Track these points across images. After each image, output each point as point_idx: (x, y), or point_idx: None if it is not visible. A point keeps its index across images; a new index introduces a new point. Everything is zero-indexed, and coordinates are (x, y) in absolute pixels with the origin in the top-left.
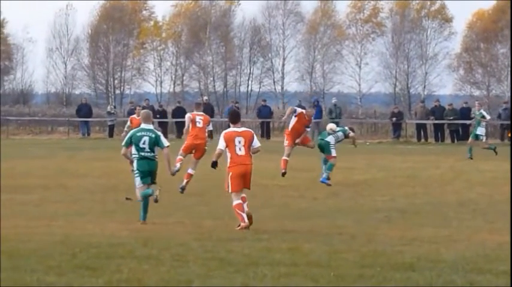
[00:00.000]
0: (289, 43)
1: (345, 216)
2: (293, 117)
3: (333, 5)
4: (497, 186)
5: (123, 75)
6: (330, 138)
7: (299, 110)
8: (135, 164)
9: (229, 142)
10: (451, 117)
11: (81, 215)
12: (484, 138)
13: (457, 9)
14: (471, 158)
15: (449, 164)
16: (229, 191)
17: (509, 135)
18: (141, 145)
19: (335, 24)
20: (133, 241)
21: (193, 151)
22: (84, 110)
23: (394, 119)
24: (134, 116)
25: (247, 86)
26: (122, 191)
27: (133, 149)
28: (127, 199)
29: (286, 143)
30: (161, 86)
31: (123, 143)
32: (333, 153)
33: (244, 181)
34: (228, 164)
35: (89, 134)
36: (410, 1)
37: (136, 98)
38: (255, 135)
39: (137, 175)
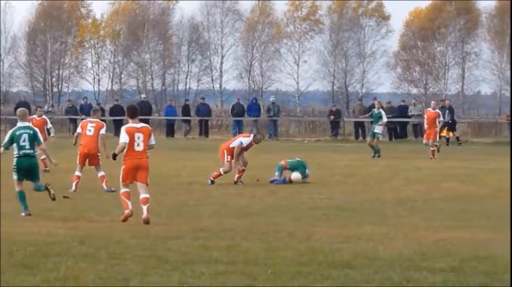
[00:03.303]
0: (228, 41)
1: (283, 214)
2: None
3: (270, 3)
4: (434, 183)
5: (61, 73)
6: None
7: (246, 142)
8: (14, 161)
9: (129, 138)
10: (389, 116)
11: (18, 213)
12: (380, 137)
13: (394, 8)
14: (374, 157)
15: (386, 162)
16: (120, 181)
17: (448, 136)
18: (21, 143)
19: (273, 22)
20: (70, 239)
21: (88, 160)
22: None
23: (332, 117)
24: (35, 116)
25: (186, 84)
26: (60, 189)
27: (14, 148)
28: (64, 197)
29: (227, 158)
30: (99, 84)
31: (3, 144)
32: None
33: (137, 174)
34: (123, 157)
35: None
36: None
37: (74, 96)
38: (151, 131)
39: (15, 171)
